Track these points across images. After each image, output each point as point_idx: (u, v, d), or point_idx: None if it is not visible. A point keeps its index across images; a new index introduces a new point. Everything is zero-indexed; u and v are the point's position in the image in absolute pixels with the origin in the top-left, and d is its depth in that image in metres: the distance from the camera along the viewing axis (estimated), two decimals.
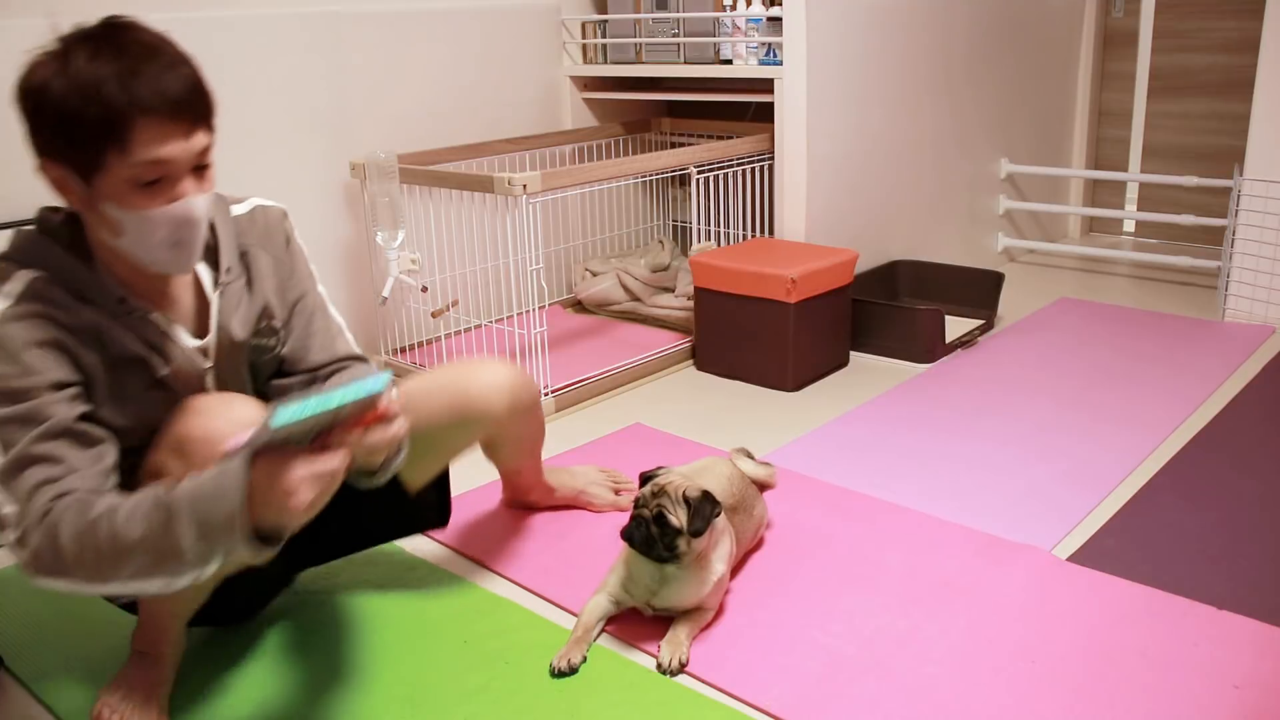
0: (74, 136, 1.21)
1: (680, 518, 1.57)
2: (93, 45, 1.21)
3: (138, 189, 1.24)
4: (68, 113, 1.20)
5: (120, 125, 1.20)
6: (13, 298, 1.26)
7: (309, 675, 1.59)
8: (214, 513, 1.15)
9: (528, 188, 2.47)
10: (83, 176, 1.24)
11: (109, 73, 1.19)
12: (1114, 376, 2.72)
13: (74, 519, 1.19)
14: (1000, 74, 3.65)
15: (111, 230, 1.28)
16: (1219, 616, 1.66)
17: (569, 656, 1.60)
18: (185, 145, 1.26)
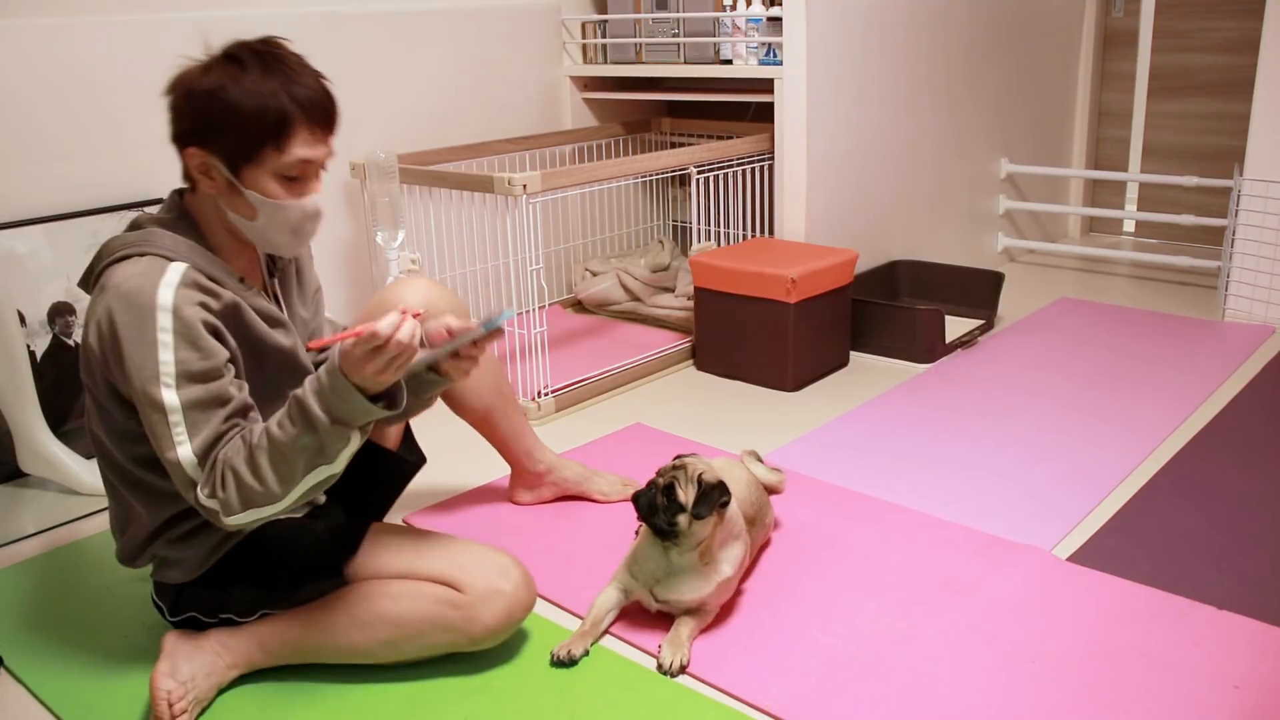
0: (240, 133, 1.40)
1: (688, 494, 1.58)
2: (262, 59, 1.43)
3: (281, 182, 1.44)
4: (241, 113, 1.39)
5: (284, 127, 1.42)
6: (175, 287, 1.37)
7: (310, 673, 1.59)
8: (326, 382, 1.38)
9: (528, 188, 2.47)
10: (232, 166, 1.42)
11: (278, 84, 1.41)
12: (1114, 376, 2.72)
13: (245, 457, 1.37)
14: (1000, 74, 3.65)
15: (247, 213, 1.45)
16: (1219, 616, 1.66)
17: (570, 648, 1.61)
18: (324, 150, 1.50)
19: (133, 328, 1.35)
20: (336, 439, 1.39)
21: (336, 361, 1.38)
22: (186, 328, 1.36)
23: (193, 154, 1.42)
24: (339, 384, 1.37)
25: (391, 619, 1.52)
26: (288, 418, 1.39)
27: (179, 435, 1.36)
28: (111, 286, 1.38)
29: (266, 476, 1.37)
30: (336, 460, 1.41)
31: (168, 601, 1.56)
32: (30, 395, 2.19)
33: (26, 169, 2.35)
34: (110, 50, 2.44)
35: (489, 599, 1.53)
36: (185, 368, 1.35)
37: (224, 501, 1.37)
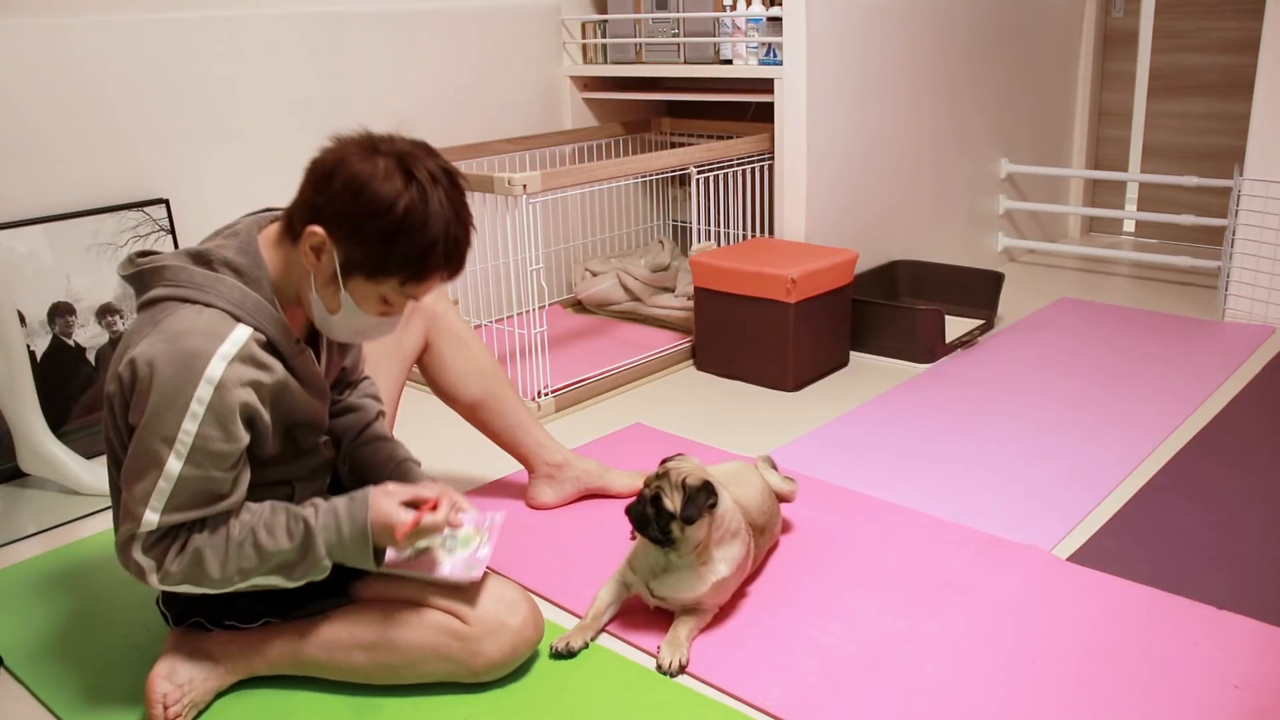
0: (378, 256, 1.35)
1: (675, 502, 1.57)
2: (440, 194, 1.35)
3: (380, 302, 1.42)
4: (397, 239, 1.34)
5: (421, 273, 1.38)
6: (228, 360, 1.34)
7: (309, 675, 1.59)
8: (345, 532, 1.42)
9: (528, 188, 2.47)
10: (346, 269, 1.37)
11: (441, 230, 1.35)
12: (1114, 376, 2.72)
13: (217, 545, 1.38)
14: (1000, 74, 3.65)
15: (330, 305, 1.42)
16: (1219, 616, 1.66)
17: (570, 640, 1.62)
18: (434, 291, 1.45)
19: (171, 384, 1.31)
20: (315, 570, 1.43)
21: (368, 519, 1.42)
22: (222, 408, 1.33)
23: (315, 234, 1.35)
24: (359, 539, 1.42)
25: (393, 644, 1.51)
26: (285, 532, 1.40)
27: (156, 502, 1.34)
28: (170, 334, 1.33)
29: (229, 568, 1.38)
30: (295, 581, 1.44)
31: (174, 611, 1.55)
32: (30, 395, 2.19)
33: (26, 169, 2.35)
34: (110, 50, 2.44)
35: (494, 633, 1.51)
36: (203, 444, 1.33)
37: (165, 570, 1.37)
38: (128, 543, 1.37)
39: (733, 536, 1.67)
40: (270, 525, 1.40)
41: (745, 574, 1.72)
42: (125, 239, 2.47)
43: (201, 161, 2.64)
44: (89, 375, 2.43)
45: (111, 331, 2.46)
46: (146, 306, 1.40)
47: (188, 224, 2.60)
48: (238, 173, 2.71)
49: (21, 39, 2.31)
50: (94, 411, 2.44)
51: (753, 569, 1.80)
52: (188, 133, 2.60)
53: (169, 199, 2.56)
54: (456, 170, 1.41)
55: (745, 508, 1.76)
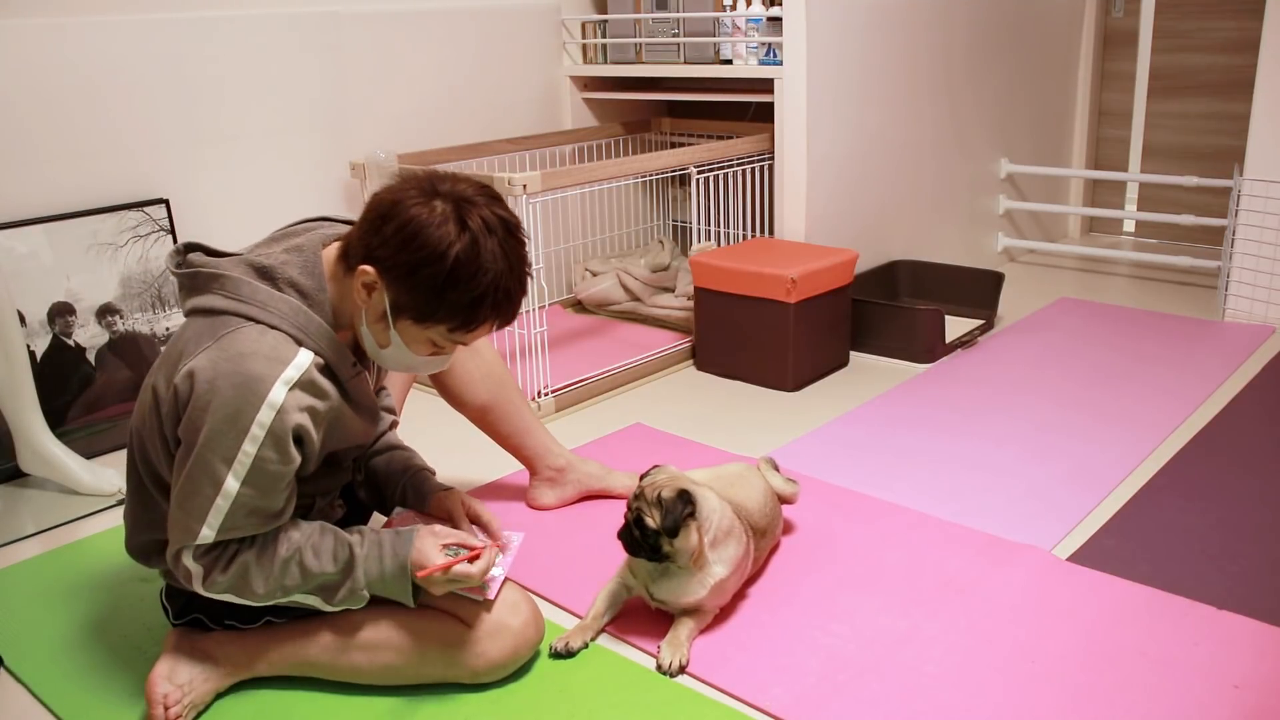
0: (434, 301, 1.35)
1: (655, 519, 1.57)
2: (495, 245, 1.34)
3: (429, 345, 1.42)
4: (446, 289, 1.33)
5: (470, 323, 1.38)
6: (290, 385, 1.34)
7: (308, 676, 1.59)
8: (387, 566, 1.44)
9: (528, 188, 2.47)
10: (395, 310, 1.37)
11: (493, 282, 1.34)
12: (1114, 376, 2.72)
13: (265, 562, 1.40)
14: (1000, 74, 3.65)
15: (380, 340, 1.42)
16: (1219, 616, 1.66)
17: (569, 640, 1.62)
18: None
19: (233, 406, 1.31)
20: (354, 599, 1.45)
21: (409, 557, 1.44)
22: (282, 432, 1.34)
23: (367, 273, 1.35)
24: (399, 575, 1.44)
25: (394, 645, 1.51)
26: (331, 556, 1.42)
27: (214, 519, 1.35)
28: (233, 354, 1.33)
29: (272, 584, 1.40)
30: (333, 606, 1.46)
31: (176, 605, 1.55)
32: (30, 395, 2.19)
33: (26, 169, 2.35)
34: (111, 50, 2.44)
35: (495, 634, 1.51)
36: (261, 465, 1.34)
37: (213, 579, 1.39)
38: (179, 552, 1.39)
39: (727, 536, 1.66)
40: (317, 548, 1.42)
41: (745, 573, 1.72)
42: (125, 239, 2.47)
43: (201, 161, 2.64)
44: (89, 375, 2.43)
45: (111, 331, 2.46)
46: (204, 314, 1.39)
47: (188, 224, 2.61)
48: (238, 173, 2.71)
49: (22, 39, 2.31)
50: (94, 411, 2.44)
51: (754, 570, 1.80)
52: (187, 133, 2.60)
53: (169, 199, 2.56)
54: (515, 219, 1.39)
55: (746, 510, 1.76)
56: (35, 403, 2.21)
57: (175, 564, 1.40)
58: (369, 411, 1.52)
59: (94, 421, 2.44)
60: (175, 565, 1.40)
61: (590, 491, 2.11)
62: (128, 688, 1.58)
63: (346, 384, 1.45)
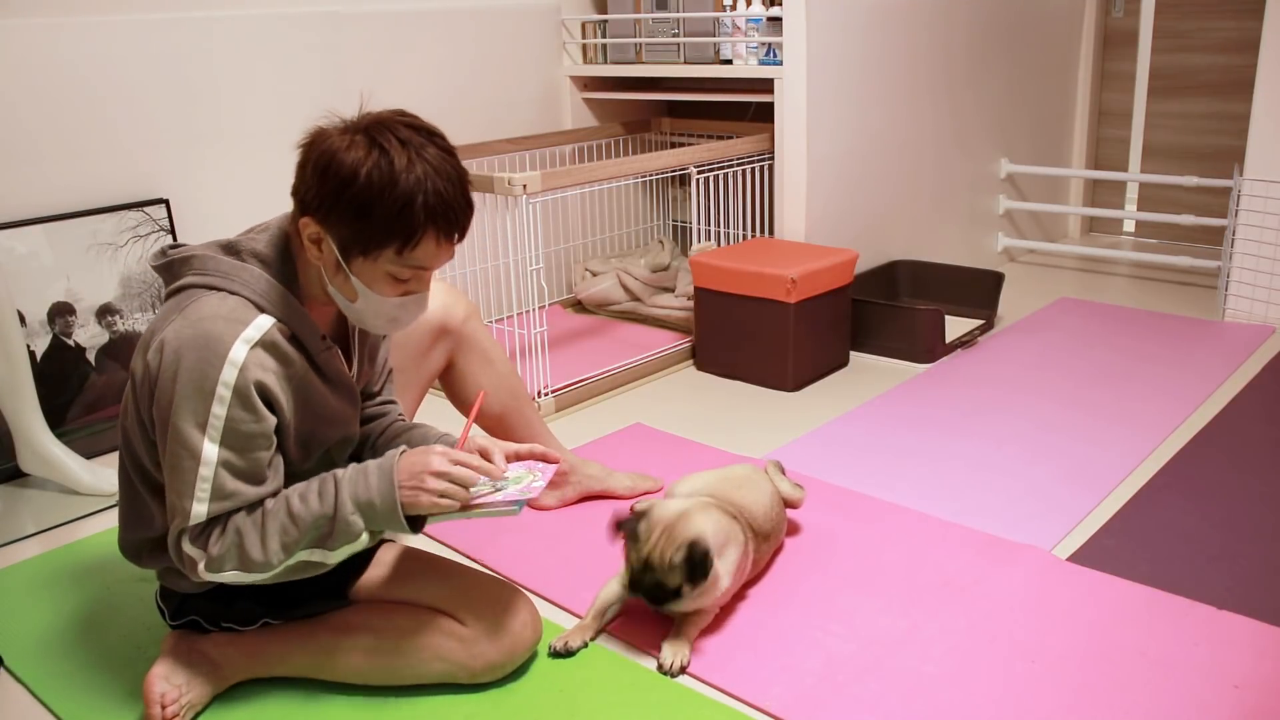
0: (364, 230, 1.32)
1: (678, 578, 1.55)
2: (408, 152, 1.32)
3: (389, 280, 1.38)
4: (370, 210, 1.31)
5: (409, 234, 1.33)
6: (250, 345, 1.34)
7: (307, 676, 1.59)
8: (372, 486, 1.38)
9: (528, 188, 2.47)
10: (344, 252, 1.35)
11: (417, 186, 1.31)
12: (1114, 376, 2.72)
13: (255, 521, 1.36)
14: (1000, 74, 3.65)
15: (347, 294, 1.40)
16: (1219, 616, 1.66)
17: (569, 639, 1.62)
18: (446, 255, 1.39)
19: (196, 370, 1.31)
20: (345, 533, 1.38)
21: (395, 462, 1.39)
22: (246, 389, 1.33)
23: (307, 224, 1.35)
24: (386, 484, 1.37)
25: (391, 645, 1.51)
26: (316, 495, 1.38)
27: (202, 491, 1.33)
28: (193, 319, 1.34)
29: (270, 544, 1.36)
30: (334, 553, 1.39)
31: (171, 606, 1.55)
32: (30, 395, 2.19)
33: (26, 169, 2.35)
34: (110, 50, 2.44)
35: (493, 634, 1.51)
36: (235, 425, 1.33)
37: (211, 557, 1.36)
38: (178, 538, 1.37)
39: (725, 543, 1.64)
40: (304, 493, 1.39)
41: (745, 574, 1.72)
42: (125, 239, 2.47)
43: (201, 161, 2.64)
44: (89, 375, 2.43)
45: (111, 331, 2.46)
46: (173, 294, 1.41)
47: (188, 224, 2.60)
48: (238, 173, 2.71)
49: (22, 39, 2.31)
50: (94, 411, 2.44)
51: (756, 572, 1.80)
52: (187, 133, 2.60)
53: (169, 199, 2.56)
54: (436, 129, 1.38)
55: (751, 513, 1.76)
56: (35, 403, 2.21)
57: (178, 556, 1.39)
58: (345, 390, 1.50)
59: (94, 421, 2.44)
60: (178, 558, 1.39)
61: (590, 493, 2.11)
62: (127, 688, 1.58)
63: (316, 357, 1.44)
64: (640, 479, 2.15)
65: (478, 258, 3.10)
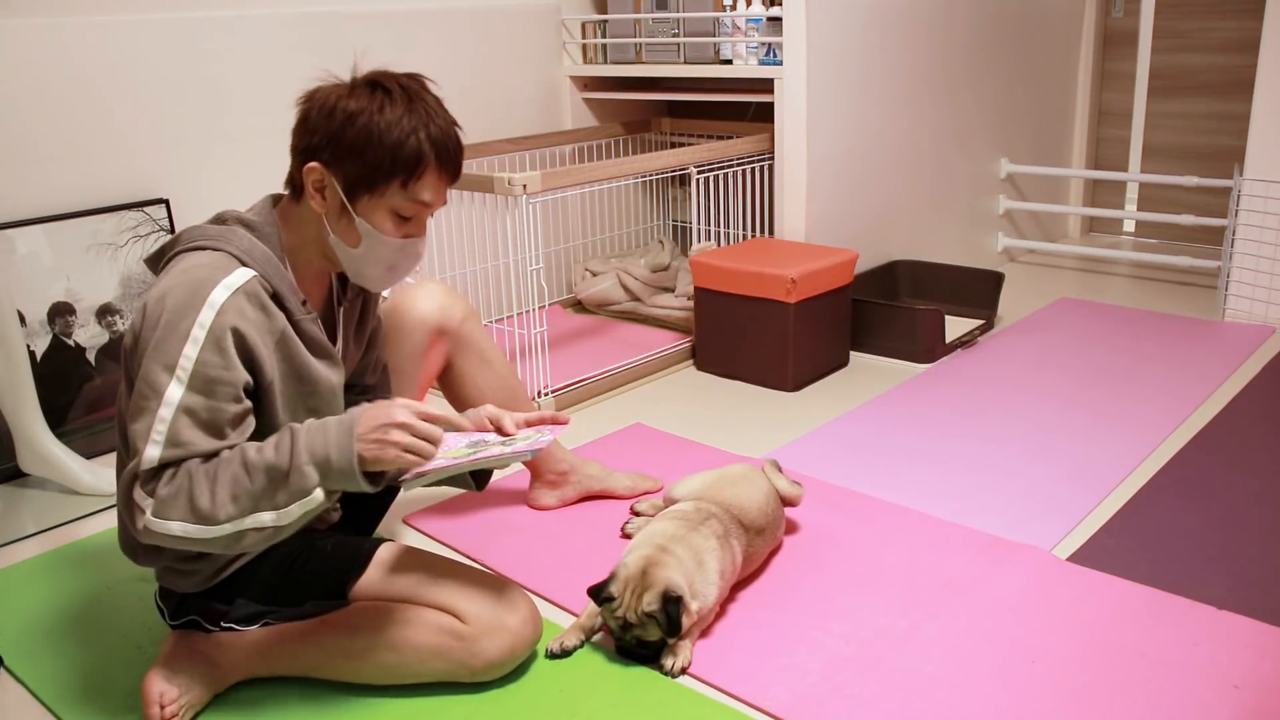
0: (372, 163, 1.40)
1: (657, 631, 1.55)
2: (407, 94, 1.42)
3: (393, 218, 1.44)
4: (378, 142, 1.39)
5: (416, 167, 1.41)
6: (231, 290, 1.36)
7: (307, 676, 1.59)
8: (330, 439, 1.35)
9: (528, 188, 2.47)
10: (350, 192, 1.42)
11: (418, 122, 1.40)
12: (1114, 376, 2.72)
13: (208, 469, 1.33)
14: (1000, 74, 3.65)
15: (350, 239, 1.45)
16: (1219, 616, 1.66)
17: (564, 640, 1.62)
18: (442, 196, 1.47)
19: (177, 312, 1.33)
20: (298, 487, 1.33)
21: (355, 415, 1.37)
22: (221, 333, 1.34)
23: (313, 170, 1.42)
24: (345, 437, 1.34)
25: (391, 644, 1.50)
26: (272, 446, 1.35)
27: (157, 435, 1.31)
28: (177, 270, 1.38)
29: (220, 492, 1.31)
30: (285, 514, 1.34)
31: (170, 606, 1.55)
32: (30, 395, 2.19)
33: (26, 169, 2.35)
34: (111, 50, 2.44)
35: (493, 632, 1.51)
36: (203, 369, 1.32)
37: (160, 500, 1.31)
38: (130, 484, 1.33)
39: (700, 564, 1.62)
40: (260, 446, 1.36)
41: (736, 573, 1.72)
42: (125, 239, 2.47)
43: (201, 161, 2.64)
44: (89, 375, 2.43)
45: (111, 331, 2.46)
46: (164, 266, 1.45)
47: (187, 224, 2.59)
48: (238, 173, 2.71)
49: (22, 39, 2.31)
50: (94, 411, 2.44)
51: (754, 569, 1.80)
52: (187, 133, 2.60)
53: (169, 199, 2.56)
54: (422, 76, 1.47)
55: (744, 509, 1.76)
56: (35, 403, 2.21)
57: (126, 505, 1.34)
58: (327, 356, 1.51)
59: (94, 421, 2.44)
60: (127, 507, 1.35)
61: (591, 492, 2.11)
62: (127, 688, 1.58)
63: (298, 321, 1.46)
64: (640, 479, 2.15)
65: (477, 258, 3.10)
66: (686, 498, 1.81)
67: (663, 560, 1.59)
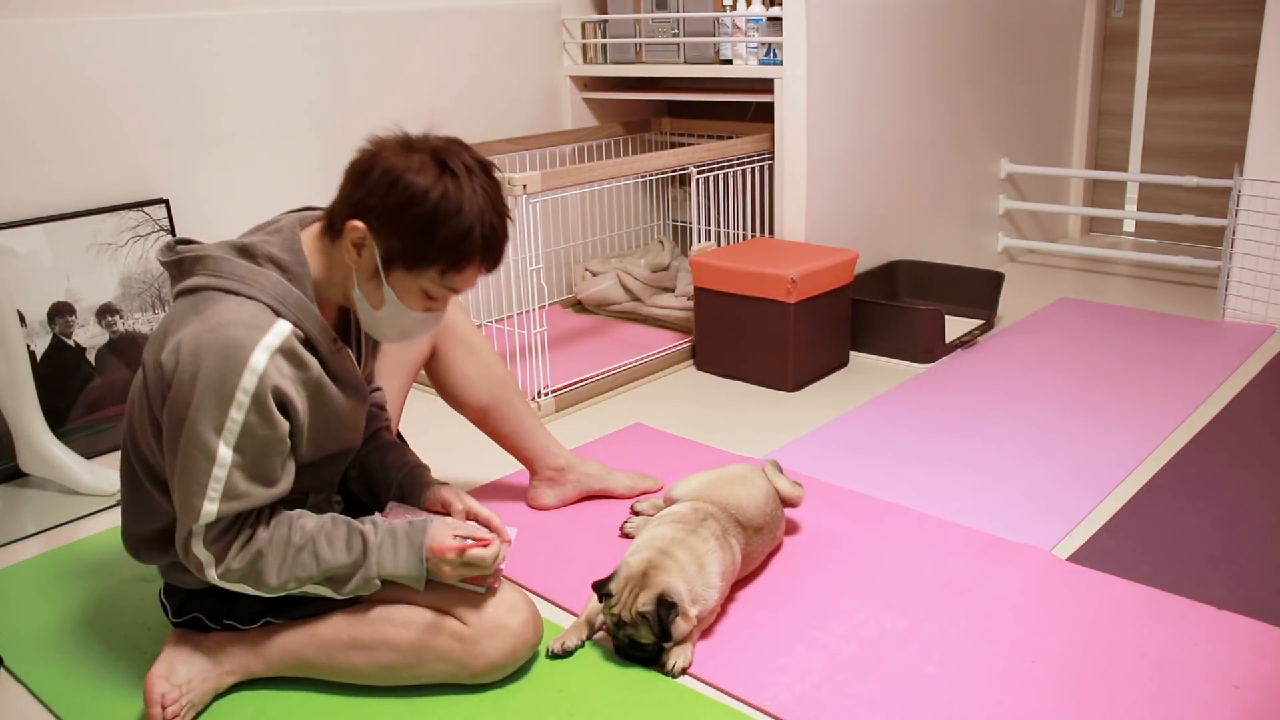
0: (418, 246, 1.37)
1: (652, 633, 1.55)
2: (475, 184, 1.38)
3: (422, 296, 1.43)
4: (434, 228, 1.36)
5: (459, 260, 1.39)
6: (271, 352, 1.36)
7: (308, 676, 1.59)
8: (400, 560, 1.47)
9: (528, 188, 2.47)
10: (387, 261, 1.39)
11: (474, 220, 1.37)
12: (1114, 376, 2.72)
13: (277, 549, 1.41)
14: (1000, 74, 3.65)
15: (374, 301, 1.44)
16: (1219, 616, 1.66)
17: (565, 640, 1.62)
18: (472, 284, 1.46)
19: (216, 375, 1.33)
20: (365, 587, 1.46)
21: (421, 539, 1.47)
22: (264, 397, 1.35)
23: (357, 229, 1.38)
24: (414, 563, 1.47)
25: (393, 644, 1.51)
26: (345, 545, 1.44)
27: (214, 491, 1.36)
28: (213, 324, 1.35)
29: (285, 574, 1.42)
30: (340, 595, 1.47)
31: (174, 603, 1.55)
32: (30, 395, 2.19)
33: (27, 169, 2.35)
34: (111, 50, 2.44)
35: (494, 634, 1.51)
36: (250, 430, 1.35)
37: (226, 567, 1.40)
38: (188, 539, 1.39)
39: (701, 568, 1.62)
40: (331, 536, 1.44)
41: (736, 572, 1.72)
42: (125, 239, 2.47)
43: (201, 161, 2.64)
44: (89, 375, 2.43)
45: (111, 331, 2.46)
46: (187, 294, 1.41)
47: (188, 224, 2.60)
48: (238, 173, 2.71)
49: (22, 39, 2.31)
50: (94, 411, 2.44)
51: (754, 568, 1.81)
52: (187, 133, 2.60)
53: (169, 199, 2.56)
54: (492, 163, 1.43)
55: (742, 507, 1.76)
56: (35, 403, 2.21)
57: (185, 554, 1.40)
58: (354, 389, 1.52)
59: (94, 421, 2.44)
60: (186, 555, 1.40)
61: (590, 492, 2.11)
62: (127, 688, 1.58)
63: (328, 358, 1.45)
64: (640, 479, 2.15)
65: None
66: (685, 498, 1.81)
67: (665, 564, 1.59)
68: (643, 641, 1.57)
